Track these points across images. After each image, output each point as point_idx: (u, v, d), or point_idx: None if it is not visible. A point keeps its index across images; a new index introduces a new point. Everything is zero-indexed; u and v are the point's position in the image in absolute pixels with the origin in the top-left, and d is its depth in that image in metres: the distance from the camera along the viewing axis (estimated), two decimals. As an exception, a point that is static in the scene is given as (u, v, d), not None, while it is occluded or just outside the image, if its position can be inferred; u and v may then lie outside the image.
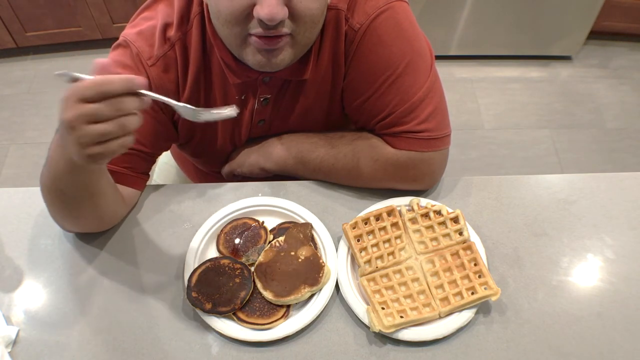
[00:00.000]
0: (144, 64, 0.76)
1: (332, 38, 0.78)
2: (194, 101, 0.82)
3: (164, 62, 0.77)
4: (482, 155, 2.06)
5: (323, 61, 0.80)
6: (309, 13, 0.68)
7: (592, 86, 2.31)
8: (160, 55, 0.77)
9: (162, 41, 0.77)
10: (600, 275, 0.80)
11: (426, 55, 0.81)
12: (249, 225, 0.82)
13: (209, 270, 0.76)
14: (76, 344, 0.72)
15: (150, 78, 0.77)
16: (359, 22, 0.76)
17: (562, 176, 0.95)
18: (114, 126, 0.55)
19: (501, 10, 2.14)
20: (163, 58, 0.77)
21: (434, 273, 0.77)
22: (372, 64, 0.79)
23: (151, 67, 0.77)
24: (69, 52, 2.38)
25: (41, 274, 0.80)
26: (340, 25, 0.77)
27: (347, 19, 0.77)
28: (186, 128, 0.86)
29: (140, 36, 0.77)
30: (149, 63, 0.77)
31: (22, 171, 1.99)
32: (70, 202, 0.74)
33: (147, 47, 0.77)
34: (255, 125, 0.89)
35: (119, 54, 0.78)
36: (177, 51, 0.78)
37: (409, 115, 0.80)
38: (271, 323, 0.72)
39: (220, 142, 0.91)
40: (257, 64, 0.72)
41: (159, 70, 0.77)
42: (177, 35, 0.77)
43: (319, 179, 0.90)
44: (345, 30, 0.78)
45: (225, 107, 0.64)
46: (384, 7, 0.76)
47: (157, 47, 0.77)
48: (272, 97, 0.85)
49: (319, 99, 0.86)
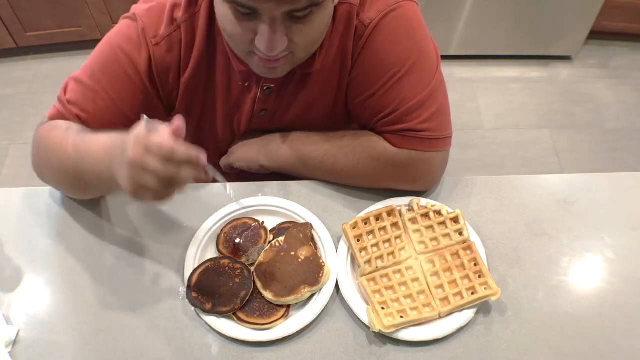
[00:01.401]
0: (148, 41, 0.77)
1: (342, 32, 0.78)
2: (194, 83, 0.83)
3: (168, 42, 0.78)
4: (482, 155, 2.06)
5: (330, 54, 0.80)
6: (309, 41, 0.71)
7: (592, 86, 2.31)
8: (166, 35, 0.78)
9: (170, 21, 0.77)
10: (600, 275, 0.80)
11: (432, 56, 0.81)
12: (249, 225, 0.82)
13: (209, 270, 0.76)
14: (76, 344, 0.72)
15: (152, 56, 0.78)
16: (369, 17, 0.77)
17: (562, 176, 0.95)
18: (164, 185, 0.58)
19: (501, 10, 2.14)
20: (168, 38, 0.78)
21: (434, 273, 0.77)
22: (379, 60, 0.79)
23: (155, 45, 0.78)
24: (69, 52, 2.38)
25: (41, 274, 0.80)
26: (352, 19, 0.77)
27: (359, 14, 0.77)
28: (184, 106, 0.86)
29: (149, 13, 0.78)
30: (153, 42, 0.77)
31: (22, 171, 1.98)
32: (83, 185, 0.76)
33: (154, 26, 0.77)
34: (257, 114, 0.89)
35: (126, 25, 0.79)
36: (183, 32, 0.78)
37: (411, 114, 0.80)
38: (271, 323, 0.72)
39: (220, 129, 0.91)
40: (258, 72, 0.76)
41: (162, 50, 0.78)
42: (185, 16, 0.77)
43: (319, 178, 0.90)
44: (356, 24, 0.78)
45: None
46: (395, 5, 0.77)
47: (164, 27, 0.78)
48: (275, 87, 0.85)
49: (324, 92, 0.86)
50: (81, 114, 0.79)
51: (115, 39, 0.78)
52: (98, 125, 0.79)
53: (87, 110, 0.79)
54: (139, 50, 0.77)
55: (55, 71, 2.33)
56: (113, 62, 0.78)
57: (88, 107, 0.79)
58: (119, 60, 0.77)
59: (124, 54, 0.77)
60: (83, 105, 0.79)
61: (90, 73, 0.79)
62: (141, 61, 0.77)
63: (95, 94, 0.78)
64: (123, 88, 0.78)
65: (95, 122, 0.79)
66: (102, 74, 0.78)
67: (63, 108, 0.79)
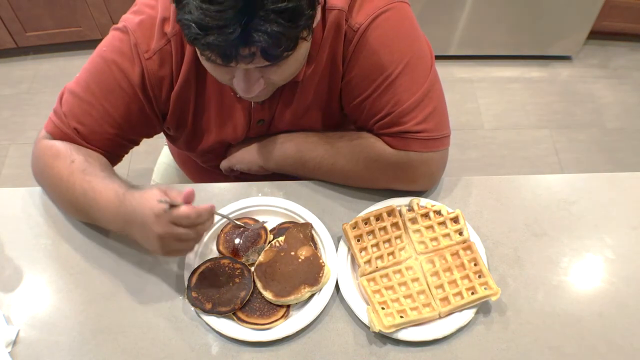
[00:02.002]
0: (140, 56, 0.78)
1: (332, 39, 0.78)
2: (185, 95, 0.83)
3: (159, 56, 0.78)
4: (482, 155, 2.06)
5: (321, 61, 0.80)
6: (287, 76, 0.74)
7: (592, 86, 2.31)
8: (157, 49, 0.78)
9: (160, 35, 0.78)
10: (600, 275, 0.80)
11: (426, 56, 0.81)
12: (250, 225, 0.82)
13: (208, 270, 0.76)
14: (76, 344, 0.72)
15: (145, 70, 0.78)
16: (358, 22, 0.77)
17: (562, 176, 0.95)
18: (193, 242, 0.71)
19: (501, 10, 2.14)
20: (159, 52, 0.78)
21: (434, 273, 0.77)
22: (370, 64, 0.79)
23: (147, 60, 0.78)
24: (69, 52, 2.38)
25: (41, 274, 0.80)
26: (341, 25, 0.77)
27: (347, 19, 0.77)
28: (176, 117, 0.87)
29: (140, 27, 0.78)
30: (146, 56, 0.78)
31: (22, 171, 1.98)
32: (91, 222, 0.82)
33: (146, 40, 0.78)
34: (254, 125, 0.89)
35: (118, 38, 0.79)
36: (173, 46, 0.78)
37: (407, 116, 0.80)
38: (271, 323, 0.72)
39: (213, 138, 0.91)
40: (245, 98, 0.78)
41: (154, 65, 0.79)
42: (174, 30, 0.77)
43: (318, 178, 0.90)
44: (345, 30, 0.78)
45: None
46: (385, 8, 0.77)
47: (155, 40, 0.78)
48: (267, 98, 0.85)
49: (316, 98, 0.86)
50: (79, 127, 0.80)
51: (108, 53, 0.79)
52: (95, 136, 0.81)
53: (84, 123, 0.80)
54: (132, 65, 0.78)
55: (55, 71, 2.33)
56: (107, 75, 0.79)
57: (84, 120, 0.80)
58: (113, 74, 0.78)
59: (117, 67, 0.78)
60: (80, 117, 0.80)
61: (85, 86, 0.80)
62: (134, 75, 0.78)
63: (91, 106, 0.80)
64: (117, 100, 0.80)
65: (92, 134, 0.81)
66: (96, 86, 0.79)
67: (60, 122, 0.81)
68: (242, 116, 0.87)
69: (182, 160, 1.16)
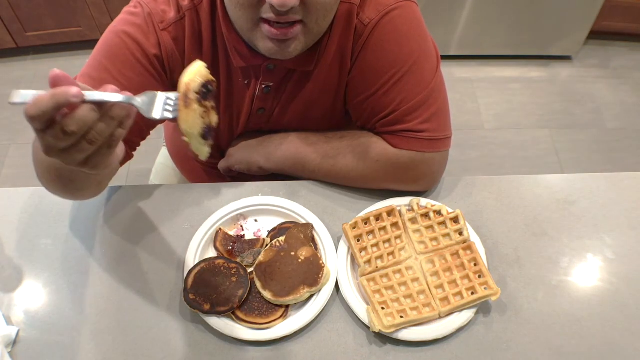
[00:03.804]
0: (155, 26, 0.75)
1: (341, 31, 0.78)
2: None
3: (175, 30, 0.76)
4: (482, 155, 2.06)
5: (330, 54, 0.80)
6: (321, 4, 0.68)
7: (592, 86, 2.31)
8: (173, 21, 0.76)
9: (176, 8, 0.76)
10: (600, 275, 0.80)
11: (432, 56, 0.81)
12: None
13: (204, 271, 0.76)
14: (76, 344, 0.72)
15: (161, 41, 0.76)
16: (369, 17, 0.77)
17: (562, 176, 0.95)
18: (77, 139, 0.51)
19: (501, 10, 2.14)
20: (174, 25, 0.76)
21: (434, 273, 0.77)
22: (378, 60, 0.79)
23: (162, 31, 0.76)
24: (69, 52, 2.38)
25: (41, 274, 0.80)
26: (352, 19, 0.77)
27: (359, 14, 0.77)
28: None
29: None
30: (161, 27, 0.75)
31: (22, 171, 1.98)
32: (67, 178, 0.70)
33: (160, 11, 0.76)
34: (255, 113, 0.88)
35: (130, 12, 0.76)
36: (187, 22, 0.76)
37: (411, 114, 0.80)
38: (270, 323, 0.72)
39: (221, 124, 0.89)
40: (267, 51, 0.72)
41: (169, 37, 0.76)
42: (189, 5, 0.76)
43: (318, 179, 0.90)
44: (356, 24, 0.77)
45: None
46: (395, 5, 0.76)
47: (171, 12, 0.76)
48: (274, 86, 0.84)
49: (323, 92, 0.85)
50: None
51: (119, 26, 0.75)
52: None
53: None
54: (146, 35, 0.75)
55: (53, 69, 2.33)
56: (120, 47, 0.74)
57: None
58: (126, 45, 0.74)
59: (130, 38, 0.74)
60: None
61: (96, 64, 0.75)
62: (150, 45, 0.75)
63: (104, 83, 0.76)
64: (132, 72, 0.75)
65: None
66: (108, 61, 0.75)
67: None
68: (246, 104, 0.86)
69: (179, 160, 1.16)
